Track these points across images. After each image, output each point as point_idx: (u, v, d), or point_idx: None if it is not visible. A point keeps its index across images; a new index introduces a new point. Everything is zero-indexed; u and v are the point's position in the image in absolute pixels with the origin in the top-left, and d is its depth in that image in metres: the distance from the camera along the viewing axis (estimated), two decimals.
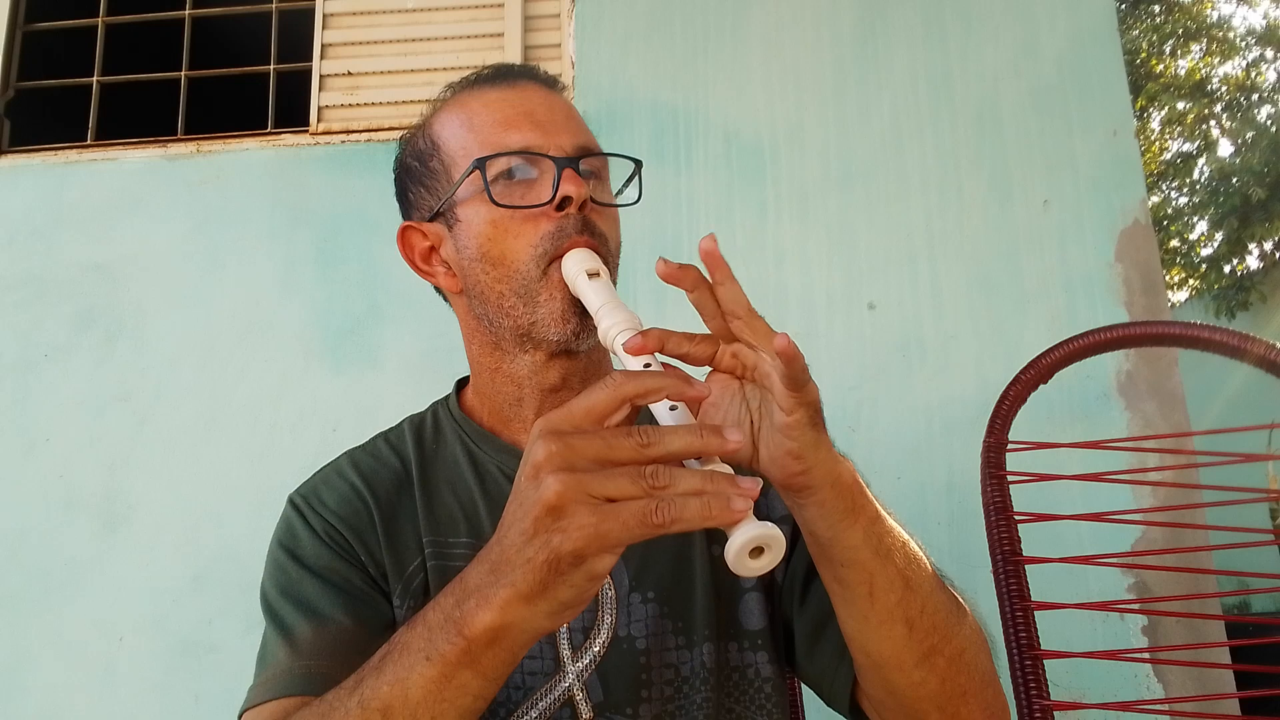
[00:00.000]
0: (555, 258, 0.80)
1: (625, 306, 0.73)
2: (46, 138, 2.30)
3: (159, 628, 1.92)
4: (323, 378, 2.05)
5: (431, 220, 0.89)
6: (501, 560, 0.56)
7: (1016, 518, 1.27)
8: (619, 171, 0.90)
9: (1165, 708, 1.54)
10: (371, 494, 0.86)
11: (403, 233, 0.92)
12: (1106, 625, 1.74)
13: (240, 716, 0.76)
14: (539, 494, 0.53)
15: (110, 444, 2.04)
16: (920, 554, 0.72)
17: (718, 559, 0.85)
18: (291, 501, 0.89)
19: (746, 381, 0.66)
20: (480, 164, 0.81)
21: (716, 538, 0.85)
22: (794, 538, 0.84)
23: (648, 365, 0.65)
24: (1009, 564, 1.24)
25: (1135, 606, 1.73)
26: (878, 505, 0.69)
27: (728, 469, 0.57)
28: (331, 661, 0.74)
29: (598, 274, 0.78)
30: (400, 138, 0.95)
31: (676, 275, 0.64)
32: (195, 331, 2.10)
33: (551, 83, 0.89)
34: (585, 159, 0.83)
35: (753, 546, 0.55)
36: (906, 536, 0.72)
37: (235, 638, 1.89)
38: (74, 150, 2.27)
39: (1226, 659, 1.63)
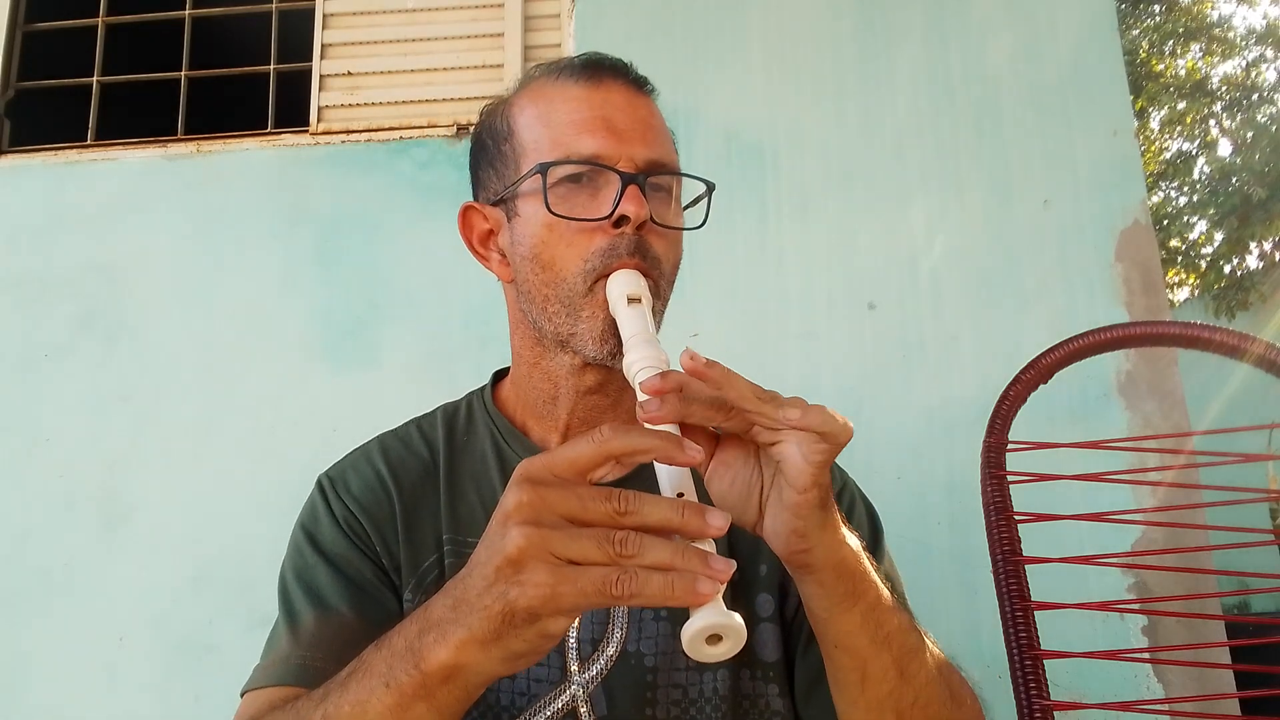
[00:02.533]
0: (603, 275, 0.78)
1: (655, 341, 0.72)
2: (46, 138, 2.30)
3: (159, 628, 1.92)
4: (323, 378, 2.05)
5: (494, 205, 0.87)
6: (462, 600, 0.55)
7: (1016, 518, 1.27)
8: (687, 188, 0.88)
9: (1165, 708, 1.54)
10: (396, 484, 0.86)
11: (464, 212, 0.90)
12: (1106, 625, 1.74)
13: (243, 694, 0.78)
14: (503, 544, 0.52)
15: (110, 444, 2.04)
16: (922, 641, 0.71)
17: (735, 584, 0.84)
18: (319, 483, 0.89)
19: (764, 448, 0.63)
20: (543, 169, 0.79)
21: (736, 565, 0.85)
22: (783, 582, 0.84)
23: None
24: (1009, 564, 1.23)
25: (1135, 606, 1.73)
26: (881, 590, 0.68)
27: (706, 544, 0.55)
28: (328, 656, 0.74)
29: (639, 300, 0.76)
30: (483, 107, 0.92)
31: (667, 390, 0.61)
32: (195, 331, 2.10)
33: (640, 83, 0.86)
34: (654, 175, 0.81)
35: (710, 634, 0.53)
36: (911, 621, 0.71)
37: (235, 638, 1.89)
38: (74, 150, 2.27)
39: (1226, 659, 1.63)
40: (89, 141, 2.29)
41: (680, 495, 0.60)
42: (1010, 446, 1.32)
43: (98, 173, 2.23)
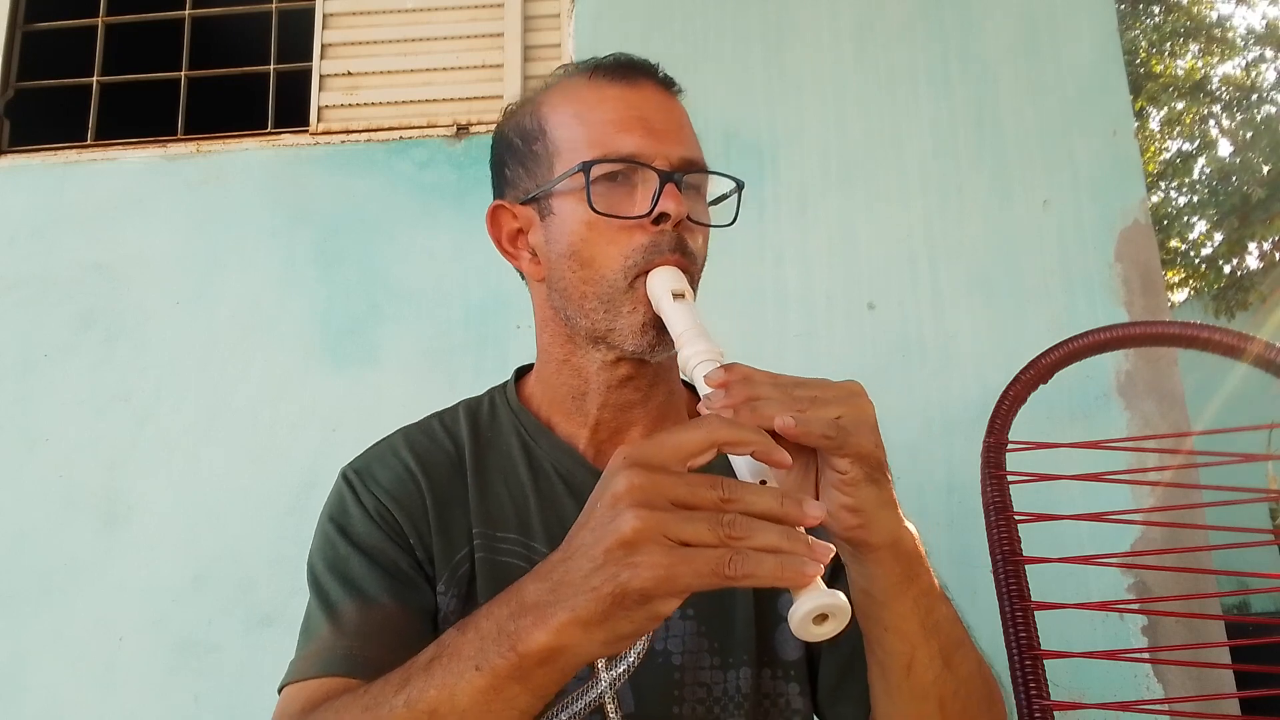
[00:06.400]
0: (644, 272, 0.79)
1: (708, 335, 0.73)
2: (46, 138, 2.30)
3: (159, 628, 1.92)
4: (323, 378, 2.05)
5: (525, 203, 0.87)
6: (564, 582, 0.55)
7: (1016, 518, 1.27)
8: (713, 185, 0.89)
9: (1165, 708, 1.54)
10: (425, 477, 0.86)
11: (493, 212, 0.90)
12: (1106, 625, 1.74)
13: (281, 689, 0.76)
14: (615, 525, 0.52)
15: (110, 444, 2.03)
16: (966, 634, 0.72)
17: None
18: (344, 476, 0.88)
19: None
20: (586, 167, 0.79)
21: None
22: (833, 569, 0.84)
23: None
24: (1009, 564, 1.24)
25: (1135, 606, 1.73)
26: (934, 578, 0.69)
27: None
28: (374, 645, 0.74)
29: (683, 295, 0.77)
30: (505, 107, 0.93)
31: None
32: (195, 331, 2.10)
33: (669, 84, 0.88)
34: (689, 173, 0.82)
35: (819, 614, 0.55)
36: (955, 614, 0.71)
37: (235, 638, 1.89)
38: (74, 150, 2.27)
39: (1226, 659, 1.63)
40: (89, 141, 2.29)
41: (763, 482, 0.62)
42: (1010, 446, 1.32)
43: (97, 173, 2.23)
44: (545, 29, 2.27)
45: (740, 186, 0.88)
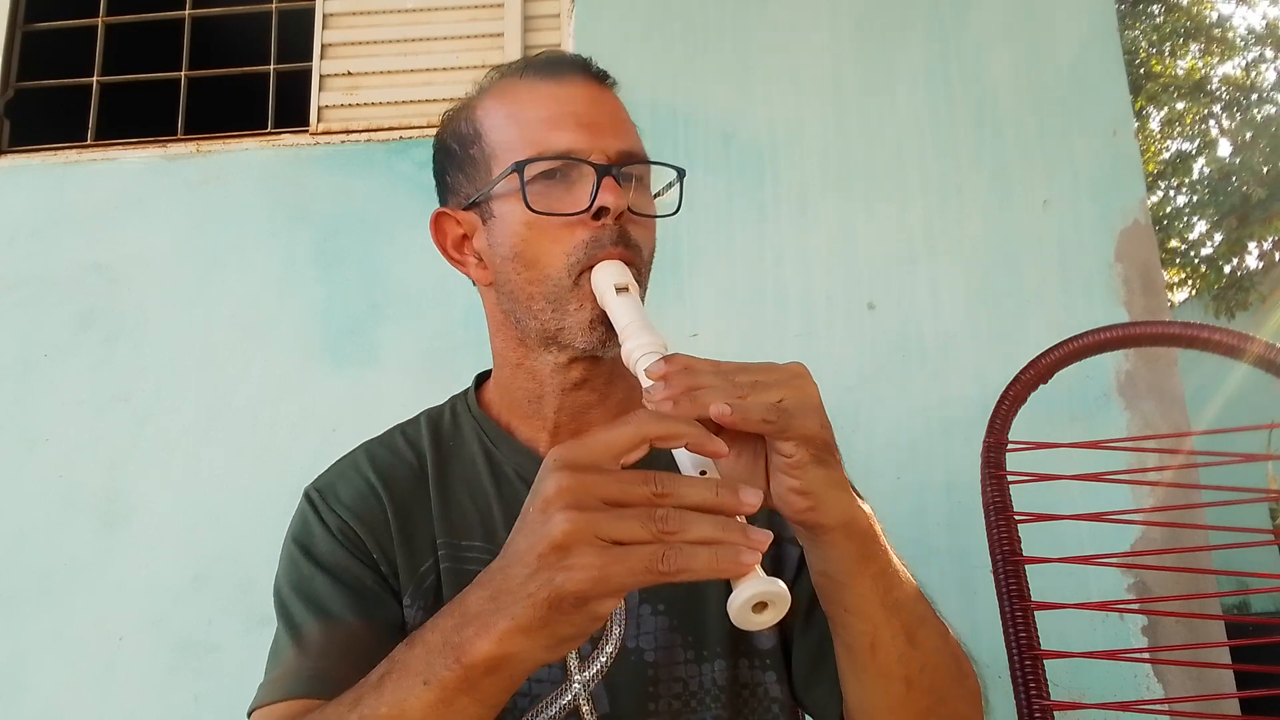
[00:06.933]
0: (588, 267, 0.79)
1: (652, 327, 0.72)
2: (46, 138, 2.30)
3: (159, 628, 1.92)
4: (323, 378, 2.05)
5: (467, 209, 0.87)
6: (503, 590, 0.55)
7: (1016, 518, 1.27)
8: (657, 176, 0.89)
9: (1165, 708, 1.54)
10: (387, 491, 0.85)
11: (436, 219, 0.90)
12: (1106, 625, 1.74)
13: (250, 714, 0.76)
14: (546, 529, 0.52)
15: (110, 444, 2.04)
16: (930, 609, 0.71)
17: None
18: (307, 495, 0.88)
19: None
20: (520, 167, 0.79)
21: None
22: (801, 558, 0.83)
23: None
24: (1009, 564, 1.24)
25: (1135, 606, 1.73)
26: (892, 555, 0.68)
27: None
28: (339, 663, 0.74)
29: (626, 289, 0.77)
30: (443, 114, 0.93)
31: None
32: (195, 331, 2.10)
33: (603, 77, 0.87)
34: (628, 165, 0.82)
35: (756, 602, 0.54)
36: (919, 590, 0.71)
37: (235, 638, 1.89)
38: (74, 150, 2.27)
39: (1226, 659, 1.63)
40: (89, 141, 2.29)
41: (703, 473, 0.62)
42: (1010, 446, 1.32)
43: (97, 173, 2.23)
44: (545, 29, 2.27)
45: (681, 175, 0.87)
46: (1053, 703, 1.16)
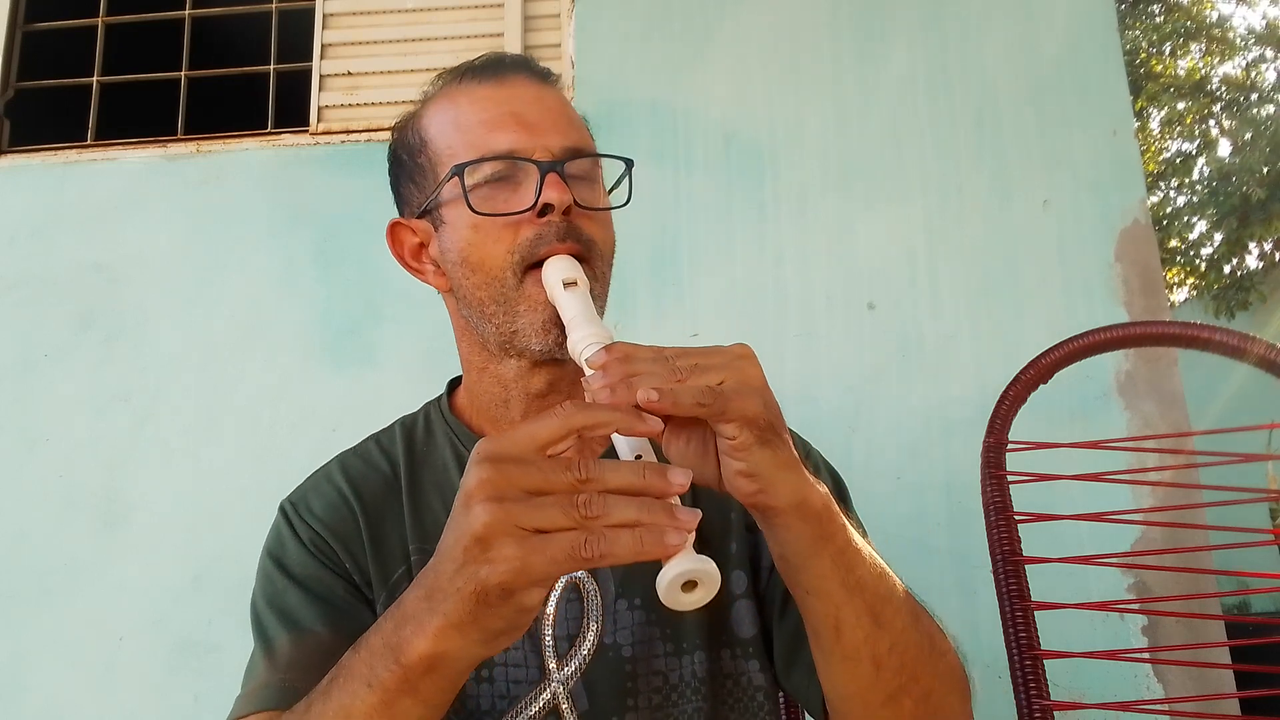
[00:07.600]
0: (534, 265, 0.79)
1: (598, 320, 0.72)
2: (46, 138, 2.30)
3: (159, 628, 1.92)
4: (323, 378, 2.05)
5: (420, 217, 0.87)
6: (435, 588, 0.55)
7: (1016, 518, 1.27)
8: (612, 170, 0.88)
9: (1165, 708, 1.54)
10: (359, 500, 0.86)
11: (392, 229, 0.91)
12: (1106, 625, 1.74)
13: None
14: (468, 522, 0.52)
15: (110, 444, 2.04)
16: (897, 587, 0.70)
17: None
18: (282, 508, 0.88)
19: None
20: (459, 170, 0.79)
21: (707, 542, 0.84)
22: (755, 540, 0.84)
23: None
24: (1009, 564, 1.24)
25: (1135, 606, 1.73)
26: (851, 533, 0.67)
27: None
28: (309, 675, 0.73)
29: (574, 283, 0.76)
30: (393, 126, 0.93)
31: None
32: (195, 331, 2.10)
33: (544, 76, 0.87)
34: (573, 161, 0.81)
35: (685, 580, 0.54)
36: (883, 568, 0.69)
37: (235, 638, 1.89)
38: (74, 150, 2.27)
39: (1226, 659, 1.63)
40: (88, 141, 2.29)
41: (638, 458, 0.61)
42: (1010, 446, 1.32)
43: (97, 173, 2.23)
44: (545, 29, 2.27)
45: (630, 165, 0.86)
46: (1053, 703, 1.16)
